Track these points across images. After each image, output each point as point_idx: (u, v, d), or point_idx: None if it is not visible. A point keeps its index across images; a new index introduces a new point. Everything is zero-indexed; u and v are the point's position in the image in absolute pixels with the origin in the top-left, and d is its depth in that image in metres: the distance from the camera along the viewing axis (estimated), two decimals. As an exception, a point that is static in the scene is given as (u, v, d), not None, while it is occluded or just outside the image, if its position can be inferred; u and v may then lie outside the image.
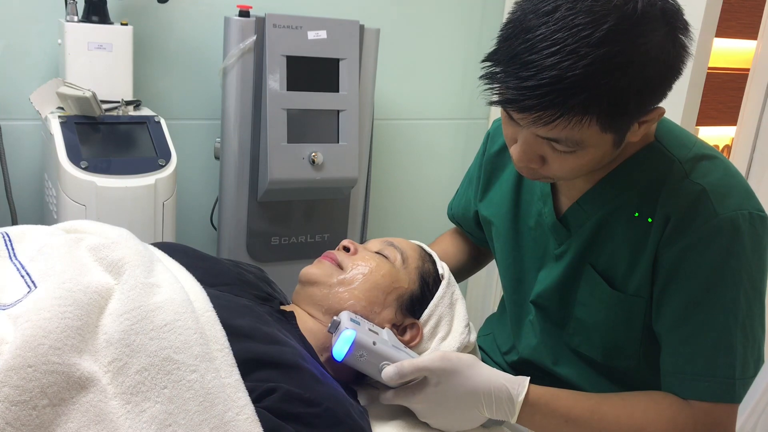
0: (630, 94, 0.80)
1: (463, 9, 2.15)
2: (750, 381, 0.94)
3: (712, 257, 0.91)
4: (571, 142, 0.86)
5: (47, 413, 0.67)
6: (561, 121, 0.81)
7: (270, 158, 1.66)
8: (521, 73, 0.80)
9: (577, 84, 0.78)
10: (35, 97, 1.52)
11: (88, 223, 1.00)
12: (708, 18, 1.58)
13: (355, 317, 0.97)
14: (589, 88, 0.78)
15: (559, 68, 0.77)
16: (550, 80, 0.78)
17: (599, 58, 0.77)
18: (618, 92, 0.79)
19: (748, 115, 1.78)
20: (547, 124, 0.82)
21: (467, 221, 1.31)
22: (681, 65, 0.86)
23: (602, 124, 0.82)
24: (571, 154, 0.88)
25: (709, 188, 0.92)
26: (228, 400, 0.75)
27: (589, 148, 0.87)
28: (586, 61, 0.77)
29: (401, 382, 0.91)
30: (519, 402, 0.92)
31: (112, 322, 0.76)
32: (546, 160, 0.91)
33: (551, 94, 0.78)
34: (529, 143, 0.90)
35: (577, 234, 1.04)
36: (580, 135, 0.84)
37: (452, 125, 2.27)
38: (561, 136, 0.85)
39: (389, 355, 0.92)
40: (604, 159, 0.92)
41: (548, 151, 0.89)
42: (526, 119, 0.84)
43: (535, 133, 0.87)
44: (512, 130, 0.92)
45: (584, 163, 0.90)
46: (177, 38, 1.80)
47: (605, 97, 0.79)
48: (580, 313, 1.05)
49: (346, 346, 0.91)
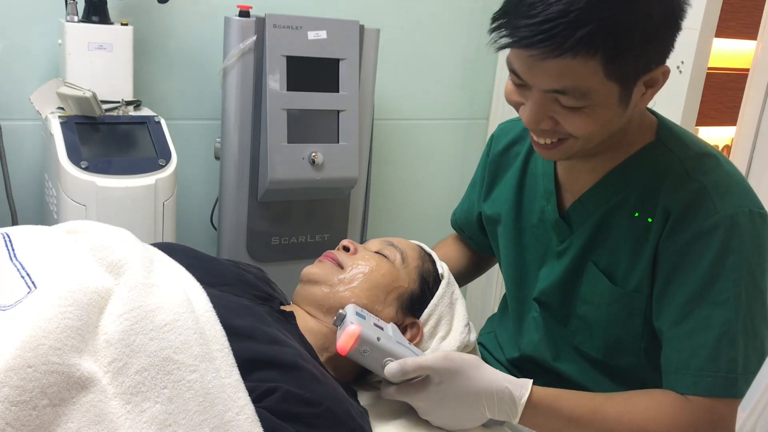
0: (634, 33, 0.83)
1: (463, 9, 2.15)
2: (752, 376, 0.94)
3: (712, 254, 0.91)
4: (578, 93, 0.86)
5: (47, 413, 0.67)
6: (567, 56, 0.83)
7: (270, 158, 1.66)
8: (529, 13, 0.83)
9: (581, 16, 0.81)
10: (35, 97, 1.52)
11: (89, 223, 1.00)
12: (708, 18, 1.58)
13: (360, 311, 0.96)
14: (593, 20, 0.81)
15: (564, 3, 0.81)
16: (556, 14, 0.81)
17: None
18: (622, 27, 0.82)
19: (747, 116, 1.78)
20: (554, 59, 0.83)
21: (470, 225, 1.31)
22: (681, 14, 0.88)
23: (607, 67, 0.84)
24: (579, 111, 0.89)
25: (709, 185, 0.93)
26: (228, 400, 0.75)
27: (597, 105, 0.88)
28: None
29: (403, 379, 0.92)
30: (521, 404, 0.92)
31: (112, 323, 0.76)
32: (556, 122, 0.91)
33: (558, 26, 0.82)
34: (537, 102, 0.90)
35: (579, 231, 1.04)
36: (586, 82, 0.85)
37: (452, 125, 2.27)
38: (567, 84, 0.86)
39: (393, 352, 0.92)
40: (612, 122, 0.92)
41: (557, 110, 0.90)
42: (535, 57, 0.85)
43: (543, 88, 0.88)
44: (520, 94, 0.93)
45: (593, 121, 0.90)
46: (177, 38, 1.80)
47: (609, 31, 0.82)
48: (583, 310, 1.05)
49: (350, 341, 0.91)
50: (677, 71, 1.63)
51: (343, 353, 0.92)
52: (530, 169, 1.14)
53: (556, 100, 0.89)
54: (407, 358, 0.91)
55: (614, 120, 0.92)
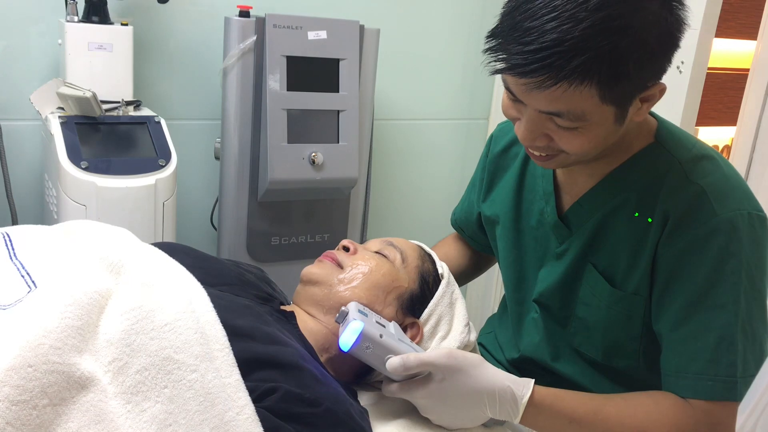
0: (629, 59, 0.82)
1: (463, 9, 2.15)
2: (751, 379, 0.94)
3: (711, 257, 0.91)
4: (573, 116, 0.86)
5: (47, 413, 0.67)
6: (562, 85, 0.82)
7: (270, 158, 1.66)
8: (523, 39, 0.82)
9: (576, 46, 0.79)
10: (35, 97, 1.52)
11: (89, 223, 1.00)
12: (708, 18, 1.58)
13: (362, 309, 0.96)
14: (589, 49, 0.80)
15: (558, 31, 0.79)
16: (551, 43, 0.80)
17: (598, 21, 0.79)
18: (617, 55, 0.81)
19: (747, 116, 1.78)
20: (549, 88, 0.82)
21: (470, 225, 1.31)
22: (678, 36, 0.87)
23: (602, 92, 0.83)
24: (574, 130, 0.88)
25: (708, 189, 0.93)
26: (228, 399, 0.75)
27: (592, 124, 0.87)
28: (585, 24, 0.79)
29: (405, 374, 0.91)
30: (523, 404, 0.92)
31: (113, 322, 0.76)
32: (550, 138, 0.91)
33: (552, 56, 0.80)
34: (533, 121, 0.90)
35: (578, 233, 1.04)
36: (581, 106, 0.84)
37: (452, 125, 2.27)
38: (562, 108, 0.85)
39: (395, 349, 0.92)
40: (608, 138, 0.92)
41: (552, 129, 0.90)
42: (529, 85, 0.84)
43: (538, 109, 0.88)
44: (516, 110, 0.93)
45: (588, 140, 0.89)
46: (177, 38, 1.80)
47: (605, 60, 0.81)
48: (582, 312, 1.05)
49: (353, 337, 0.90)
50: (677, 71, 1.63)
51: (345, 349, 0.91)
52: (529, 169, 1.14)
53: (551, 120, 0.89)
54: (409, 354, 0.91)
55: (609, 137, 0.92)
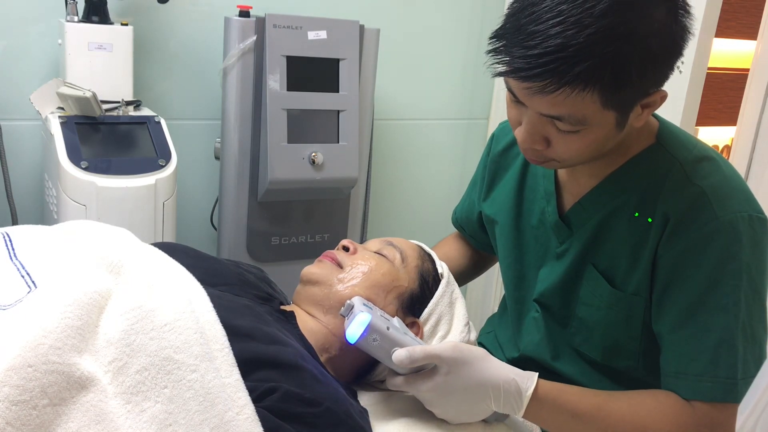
0: (632, 66, 0.82)
1: (463, 9, 2.15)
2: (751, 380, 0.94)
3: (711, 259, 0.91)
4: (574, 120, 0.86)
5: (47, 413, 0.67)
6: (565, 90, 0.82)
7: (270, 158, 1.66)
8: (527, 43, 0.82)
9: (580, 52, 0.79)
10: (35, 97, 1.52)
11: (89, 223, 1.00)
12: (708, 18, 1.58)
13: (366, 302, 0.96)
14: (593, 56, 0.80)
15: (563, 36, 0.79)
16: (555, 48, 0.80)
17: (602, 27, 0.79)
18: (620, 62, 0.81)
19: (747, 116, 1.78)
20: (551, 93, 0.83)
21: (471, 224, 1.31)
22: (682, 44, 0.87)
23: (604, 98, 0.83)
24: (574, 134, 0.88)
25: (708, 190, 0.93)
26: (228, 399, 0.75)
27: (592, 128, 0.87)
28: (590, 30, 0.79)
29: (411, 367, 0.91)
30: (527, 396, 0.92)
31: (113, 322, 0.76)
32: (550, 141, 0.91)
33: (556, 61, 0.80)
34: (533, 123, 0.90)
35: (579, 233, 1.04)
36: (582, 111, 0.85)
37: (452, 125, 2.27)
38: (564, 112, 0.85)
39: (402, 341, 0.92)
40: (607, 142, 0.92)
41: (552, 132, 0.90)
42: (531, 89, 0.84)
43: (539, 112, 0.88)
44: (517, 112, 0.93)
45: (587, 144, 0.90)
46: (177, 38, 1.80)
47: (608, 66, 0.80)
48: (582, 312, 1.05)
49: (360, 329, 0.90)
50: (677, 71, 1.63)
51: (352, 341, 0.91)
52: (530, 169, 1.14)
53: (552, 123, 0.89)
54: (416, 346, 0.91)
55: (608, 141, 0.92)
